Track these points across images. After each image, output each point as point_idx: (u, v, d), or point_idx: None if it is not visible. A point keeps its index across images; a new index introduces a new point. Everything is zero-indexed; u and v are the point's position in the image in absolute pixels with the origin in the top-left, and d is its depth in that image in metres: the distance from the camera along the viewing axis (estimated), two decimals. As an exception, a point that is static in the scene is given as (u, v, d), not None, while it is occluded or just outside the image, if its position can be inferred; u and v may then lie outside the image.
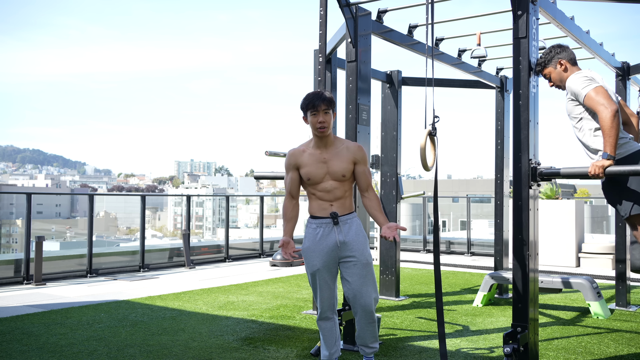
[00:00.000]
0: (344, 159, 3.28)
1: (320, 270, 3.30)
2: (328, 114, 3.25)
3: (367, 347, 3.44)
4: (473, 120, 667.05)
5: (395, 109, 6.38)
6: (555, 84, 3.77)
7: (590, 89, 3.46)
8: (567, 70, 3.69)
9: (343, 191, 3.30)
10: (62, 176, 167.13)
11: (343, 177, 3.27)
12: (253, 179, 54.06)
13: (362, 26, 4.44)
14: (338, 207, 3.29)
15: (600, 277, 7.86)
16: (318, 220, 3.30)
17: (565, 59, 3.70)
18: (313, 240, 3.30)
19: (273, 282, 7.48)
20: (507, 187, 6.61)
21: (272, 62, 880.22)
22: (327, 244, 3.27)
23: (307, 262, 3.33)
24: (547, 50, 3.74)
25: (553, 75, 3.73)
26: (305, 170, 3.29)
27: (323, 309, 3.36)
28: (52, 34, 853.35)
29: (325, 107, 3.25)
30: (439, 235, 3.17)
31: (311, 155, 3.31)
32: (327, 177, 3.27)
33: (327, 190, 3.28)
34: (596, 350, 4.14)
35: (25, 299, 6.13)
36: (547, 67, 3.73)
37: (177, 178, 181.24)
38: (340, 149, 3.31)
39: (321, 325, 3.41)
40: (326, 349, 3.41)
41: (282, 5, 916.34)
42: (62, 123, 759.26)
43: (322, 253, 3.28)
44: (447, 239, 11.86)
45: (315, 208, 3.32)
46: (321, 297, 3.35)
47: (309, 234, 3.33)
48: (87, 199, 8.58)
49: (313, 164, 3.28)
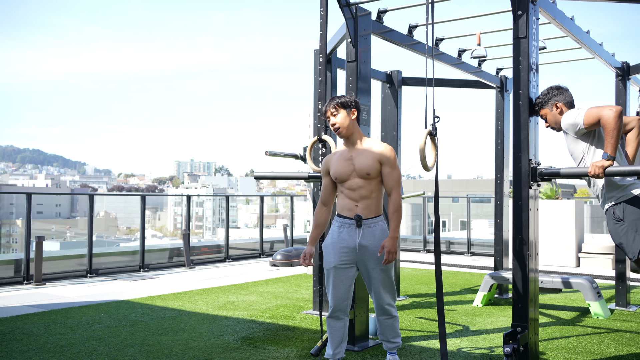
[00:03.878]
0: (370, 157, 3.33)
1: (335, 268, 3.35)
2: (337, 115, 3.37)
3: (388, 342, 3.53)
4: (473, 120, 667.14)
5: (395, 109, 6.38)
6: (550, 125, 3.72)
7: (585, 110, 3.44)
8: (562, 113, 3.65)
9: (369, 191, 3.33)
10: (62, 176, 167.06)
11: (368, 175, 3.31)
12: (253, 179, 54.05)
13: (362, 26, 4.44)
14: (363, 208, 3.33)
15: (600, 277, 7.86)
16: (343, 220, 3.36)
17: (562, 102, 3.65)
18: (335, 239, 3.36)
19: (273, 282, 7.48)
20: (507, 187, 6.61)
21: (270, 62, 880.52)
22: (347, 245, 3.32)
23: (325, 258, 3.39)
24: (545, 91, 3.69)
25: (549, 117, 3.69)
26: (333, 170, 3.40)
27: (334, 308, 3.39)
28: (49, 34, 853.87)
29: (332, 109, 3.38)
30: (439, 235, 3.18)
31: (340, 155, 3.43)
32: (353, 175, 3.34)
33: (353, 189, 3.33)
34: (596, 350, 4.14)
35: (25, 299, 6.13)
36: (543, 108, 3.68)
37: (177, 178, 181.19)
38: (367, 148, 3.38)
39: (330, 324, 3.43)
40: (331, 347, 3.44)
41: (279, 5, 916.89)
42: (62, 123, 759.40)
43: (340, 252, 3.33)
44: (447, 239, 11.86)
45: (342, 207, 3.39)
46: (333, 295, 3.38)
47: (332, 231, 3.40)
48: (87, 199, 8.59)
49: (340, 162, 3.38)
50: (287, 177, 4.96)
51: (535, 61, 3.53)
